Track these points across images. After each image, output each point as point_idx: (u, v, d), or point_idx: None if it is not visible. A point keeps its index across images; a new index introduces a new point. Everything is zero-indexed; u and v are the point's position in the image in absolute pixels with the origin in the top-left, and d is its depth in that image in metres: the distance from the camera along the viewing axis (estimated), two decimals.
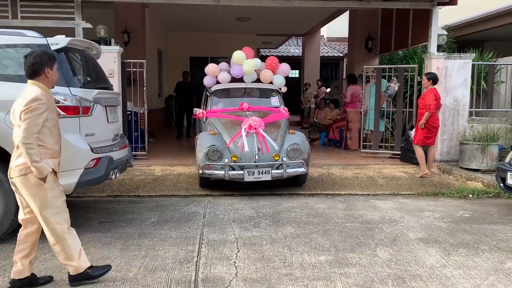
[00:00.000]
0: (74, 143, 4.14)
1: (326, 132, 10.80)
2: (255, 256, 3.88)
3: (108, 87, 5.17)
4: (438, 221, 5.04)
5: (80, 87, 4.36)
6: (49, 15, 7.42)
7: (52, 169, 3.11)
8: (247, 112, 6.53)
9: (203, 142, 6.01)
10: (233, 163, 5.80)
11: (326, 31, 20.73)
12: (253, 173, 5.76)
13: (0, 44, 4.21)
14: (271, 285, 3.31)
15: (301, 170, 5.98)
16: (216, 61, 7.77)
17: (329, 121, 10.80)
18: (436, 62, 7.96)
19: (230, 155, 5.82)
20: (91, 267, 3.28)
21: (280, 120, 6.52)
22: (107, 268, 3.37)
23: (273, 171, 5.81)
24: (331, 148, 10.41)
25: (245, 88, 7.33)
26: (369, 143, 9.08)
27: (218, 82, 7.39)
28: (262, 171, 5.77)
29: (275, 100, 7.21)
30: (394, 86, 8.57)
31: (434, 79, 7.18)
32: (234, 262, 3.75)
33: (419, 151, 7.32)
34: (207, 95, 7.36)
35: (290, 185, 6.48)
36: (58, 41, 4.33)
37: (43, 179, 3.04)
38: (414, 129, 7.62)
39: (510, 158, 5.66)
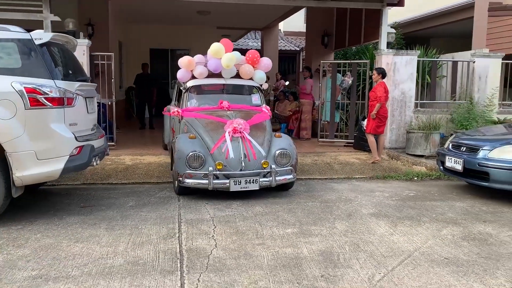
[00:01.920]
0: (59, 132, 4.46)
1: (286, 123, 11.41)
2: (231, 231, 4.38)
3: (87, 79, 5.47)
4: (387, 200, 5.74)
5: (62, 80, 4.66)
6: (17, 7, 7.50)
7: None
8: (228, 112, 6.03)
9: (183, 147, 5.42)
10: (217, 172, 5.27)
11: (283, 25, 21.36)
12: (240, 182, 5.25)
13: None
14: (247, 252, 3.82)
15: (290, 177, 5.58)
16: (176, 53, 7.26)
17: (289, 113, 11.40)
18: (385, 58, 8.72)
19: (215, 163, 5.29)
20: None
21: (264, 122, 6.03)
22: None
23: (261, 180, 5.34)
24: (291, 137, 11.03)
25: (224, 84, 6.72)
26: (326, 133, 9.78)
27: (193, 77, 6.72)
28: (250, 180, 5.28)
29: (256, 98, 6.69)
30: (348, 80, 9.28)
31: (383, 73, 7.94)
32: (213, 236, 4.24)
33: (371, 139, 8.07)
34: (181, 90, 6.81)
35: None
36: (42, 36, 4.60)
37: None
38: (366, 120, 8.36)
39: (448, 144, 6.48)
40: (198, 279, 3.30)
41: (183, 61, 6.64)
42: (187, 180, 5.31)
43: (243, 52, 6.97)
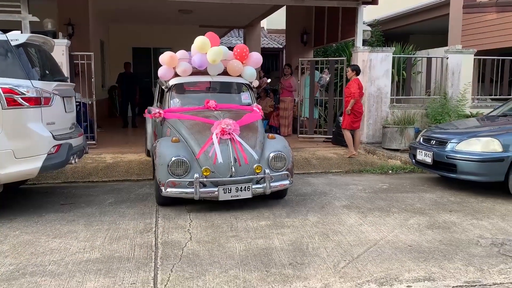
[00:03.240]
0: (37, 131, 4.56)
1: (267, 120, 11.57)
2: (206, 224, 4.53)
3: (64, 79, 5.55)
4: (360, 192, 5.94)
5: (39, 80, 4.75)
6: None
7: None
8: (215, 112, 5.49)
9: (165, 152, 4.87)
10: (204, 179, 4.71)
11: (266, 23, 21.51)
12: (230, 190, 4.69)
13: None
14: (221, 244, 3.98)
15: (286, 183, 5.02)
16: (158, 51, 6.68)
17: (270, 109, 11.57)
18: (361, 55, 8.94)
19: (202, 169, 4.71)
20: None
21: (256, 122, 5.51)
22: None
23: (254, 187, 4.79)
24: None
25: (211, 82, 6.13)
26: (305, 129, 9.98)
27: (176, 75, 6.01)
28: (241, 187, 4.73)
29: (246, 97, 6.15)
30: (326, 77, 9.48)
31: (357, 70, 8.18)
32: (188, 229, 4.38)
33: (347, 135, 8.28)
34: (163, 90, 6.17)
35: None
36: (18, 37, 4.69)
37: None
38: (342, 116, 8.57)
39: (419, 138, 6.71)
40: (171, 269, 3.44)
41: (164, 57, 5.90)
42: (170, 190, 4.71)
43: None
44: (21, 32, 5.99)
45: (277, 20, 19.88)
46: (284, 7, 13.18)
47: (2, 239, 4.10)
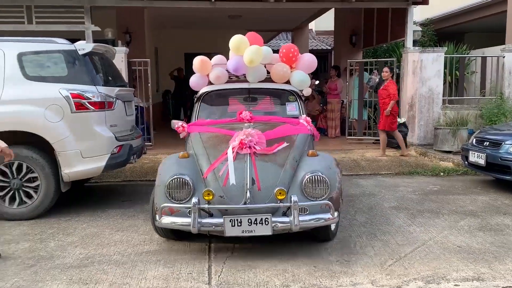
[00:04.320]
0: (101, 133, 4.96)
1: (315, 122, 11.66)
2: None
3: (124, 84, 5.96)
4: (410, 194, 5.92)
5: (103, 85, 5.15)
6: (61, 19, 8.15)
7: None
8: (245, 125, 4.32)
9: (166, 169, 3.89)
10: (206, 205, 3.56)
11: (314, 25, 21.54)
12: (240, 222, 3.50)
13: (37, 50, 4.97)
14: (272, 240, 4.15)
15: (325, 217, 3.65)
16: (210, 56, 5.28)
17: (317, 112, 11.65)
18: (412, 56, 8.83)
19: (203, 191, 3.60)
20: None
21: (294, 136, 4.28)
22: None
23: (275, 219, 3.54)
24: (320, 136, 11.26)
25: (249, 89, 4.96)
26: (354, 131, 9.97)
27: (210, 83, 5.11)
28: (257, 219, 3.50)
29: (293, 108, 4.90)
30: (375, 78, 9.42)
31: (393, 71, 8.24)
32: None
33: (383, 136, 8.37)
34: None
35: None
36: (84, 47, 5.11)
37: None
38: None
39: (472, 140, 6.57)
40: (224, 262, 3.66)
41: (195, 63, 4.98)
42: (166, 219, 3.66)
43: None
44: (86, 42, 6.49)
45: (325, 21, 19.85)
46: (333, 9, 13.21)
47: (72, 231, 4.51)
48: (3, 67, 4.81)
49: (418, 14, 9.19)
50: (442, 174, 7.20)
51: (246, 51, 4.67)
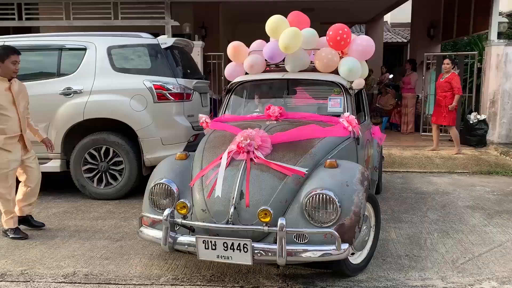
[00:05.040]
0: (180, 122, 5.28)
1: (388, 117, 11.38)
2: None
3: (201, 77, 6.26)
4: (487, 194, 5.65)
5: (182, 78, 5.46)
6: (144, 15, 8.68)
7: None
8: (267, 122, 3.67)
9: (156, 172, 3.47)
10: (181, 219, 3.01)
11: (390, 16, 20.85)
12: (215, 245, 2.87)
13: (124, 44, 5.39)
14: None
15: (328, 250, 2.85)
16: None
17: (391, 106, 11.36)
18: (495, 49, 8.32)
19: (176, 204, 3.04)
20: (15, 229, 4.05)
21: (317, 140, 3.44)
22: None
23: (257, 245, 2.85)
24: (393, 131, 11.00)
25: (285, 80, 4.30)
26: (429, 127, 9.60)
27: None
28: (233, 244, 2.84)
29: (336, 103, 3.98)
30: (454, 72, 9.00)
31: (457, 64, 7.87)
32: None
33: (455, 132, 8.01)
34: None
35: None
36: (166, 41, 5.45)
37: None
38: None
39: None
40: None
41: (228, 49, 4.44)
42: (144, 230, 3.25)
43: None
44: (166, 36, 6.88)
45: (402, 12, 19.17)
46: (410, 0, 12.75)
47: None
48: (95, 60, 5.28)
49: (504, 4, 8.60)
50: None
51: (281, 36, 3.94)
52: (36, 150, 5.07)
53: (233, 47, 4.38)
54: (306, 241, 2.87)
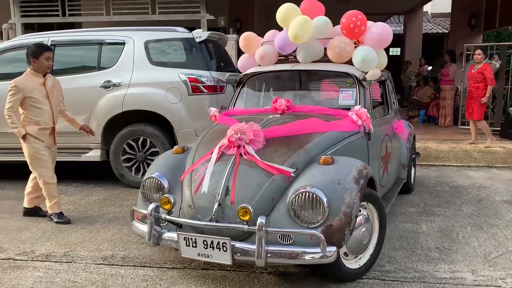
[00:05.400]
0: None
1: (425, 109, 11.13)
2: None
3: (234, 70, 6.36)
4: None
5: (216, 71, 5.58)
6: (180, 10, 8.86)
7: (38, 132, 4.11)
8: (271, 116, 3.56)
9: (151, 166, 3.47)
10: (165, 215, 2.98)
11: (430, 7, 20.26)
12: (195, 243, 2.81)
13: (160, 38, 5.57)
14: None
15: (313, 252, 2.67)
16: None
17: (428, 99, 11.10)
18: None
19: (160, 199, 3.00)
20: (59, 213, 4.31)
21: (316, 135, 3.25)
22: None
23: (238, 245, 2.76)
24: (430, 125, 10.76)
25: (299, 71, 4.12)
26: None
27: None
28: (213, 242, 2.76)
29: (348, 96, 3.78)
30: (496, 63, 8.69)
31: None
32: None
33: (483, 123, 7.79)
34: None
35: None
36: (201, 35, 5.58)
37: (23, 139, 4.10)
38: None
39: None
40: None
41: (240, 41, 4.36)
42: (134, 224, 3.27)
43: None
44: (202, 30, 7.02)
45: (443, 2, 18.60)
46: None
47: None
48: (133, 54, 5.48)
49: None
50: None
51: (290, 25, 3.74)
52: (78, 141, 5.35)
53: (244, 38, 4.25)
54: (291, 242, 2.71)
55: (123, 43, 5.54)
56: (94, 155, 5.54)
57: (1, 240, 3.88)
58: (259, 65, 4.21)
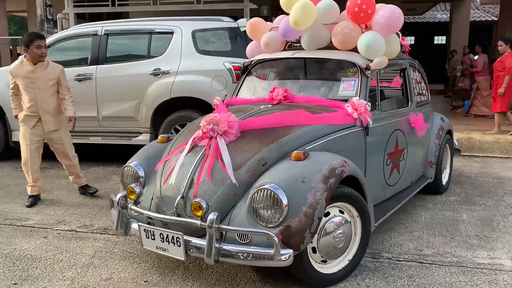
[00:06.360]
0: None
1: (468, 100, 10.87)
2: None
3: None
4: None
5: None
6: None
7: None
8: (262, 106, 3.46)
9: (132, 157, 3.39)
10: (133, 205, 2.98)
11: None
12: (153, 235, 2.78)
13: (207, 28, 5.79)
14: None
15: (266, 254, 2.49)
16: None
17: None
18: None
19: (126, 188, 3.03)
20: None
21: (296, 128, 3.04)
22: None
23: (194, 241, 2.66)
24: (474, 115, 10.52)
25: (304, 59, 3.94)
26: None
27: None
28: (168, 236, 2.71)
29: (349, 86, 3.52)
30: None
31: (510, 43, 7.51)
32: None
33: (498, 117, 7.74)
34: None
35: None
36: (245, 24, 5.72)
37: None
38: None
39: None
40: None
41: (247, 27, 4.23)
42: (112, 212, 3.24)
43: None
44: (246, 19, 7.18)
45: None
46: None
47: None
48: (181, 43, 5.73)
49: None
50: None
51: (291, 10, 3.53)
52: (129, 125, 5.70)
53: (250, 24, 4.08)
54: (247, 241, 2.56)
55: (172, 33, 5.79)
56: (144, 138, 5.85)
57: (63, 214, 4.25)
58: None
